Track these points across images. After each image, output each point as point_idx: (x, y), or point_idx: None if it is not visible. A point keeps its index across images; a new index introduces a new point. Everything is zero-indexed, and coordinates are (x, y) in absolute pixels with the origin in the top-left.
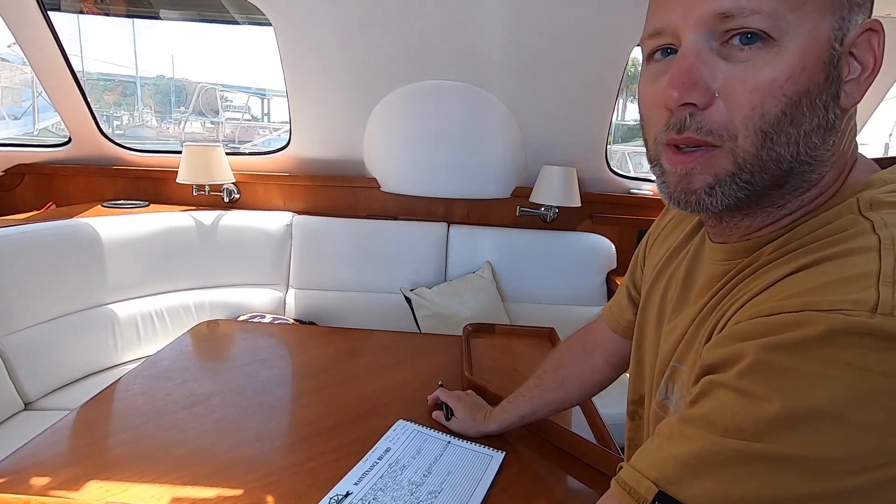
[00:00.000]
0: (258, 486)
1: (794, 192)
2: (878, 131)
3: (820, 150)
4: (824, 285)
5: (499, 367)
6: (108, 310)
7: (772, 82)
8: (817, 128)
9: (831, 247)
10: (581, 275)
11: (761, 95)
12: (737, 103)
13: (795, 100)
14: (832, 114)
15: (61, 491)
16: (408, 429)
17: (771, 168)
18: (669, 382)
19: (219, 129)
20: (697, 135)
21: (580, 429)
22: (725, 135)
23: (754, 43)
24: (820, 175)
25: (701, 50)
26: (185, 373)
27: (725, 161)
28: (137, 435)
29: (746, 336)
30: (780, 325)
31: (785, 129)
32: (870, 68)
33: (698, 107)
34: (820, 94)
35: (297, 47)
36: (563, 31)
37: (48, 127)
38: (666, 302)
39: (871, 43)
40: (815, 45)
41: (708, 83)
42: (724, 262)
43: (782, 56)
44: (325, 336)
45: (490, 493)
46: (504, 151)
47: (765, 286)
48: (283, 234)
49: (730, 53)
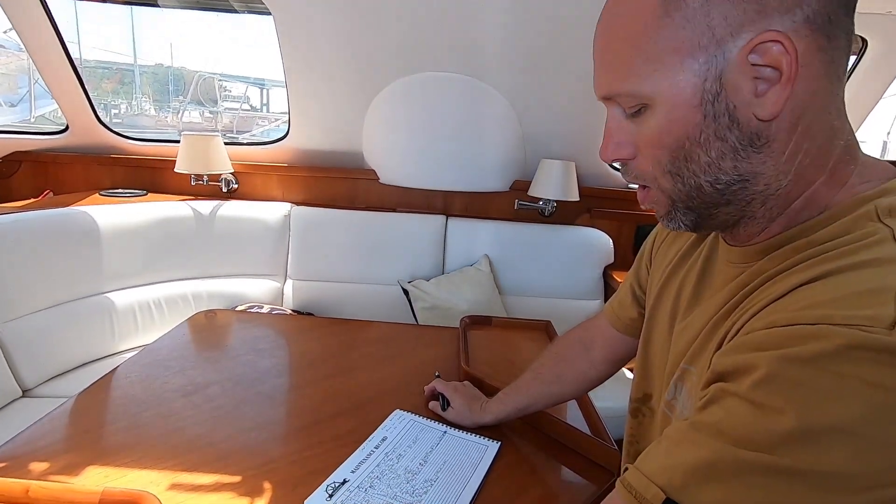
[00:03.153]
0: (256, 473)
1: (751, 204)
2: (877, 129)
3: (742, 168)
4: (842, 298)
5: (495, 359)
6: (106, 298)
7: (654, 137)
8: (723, 155)
9: (851, 256)
10: (578, 269)
11: (652, 148)
12: (644, 155)
13: (679, 144)
14: (734, 137)
15: (60, 476)
16: (404, 418)
17: (697, 195)
18: (679, 383)
19: (217, 119)
20: (634, 181)
21: (575, 420)
22: (650, 178)
23: (639, 109)
24: (768, 185)
25: (617, 117)
26: (182, 362)
27: (662, 196)
28: (136, 422)
29: (761, 346)
30: (796, 337)
31: (684, 166)
32: (778, 77)
33: (626, 160)
34: (705, 131)
35: (297, 37)
36: (564, 23)
37: (45, 114)
38: (679, 302)
39: (771, 53)
40: (681, 97)
41: (627, 142)
42: (738, 265)
43: (656, 115)
44: (323, 327)
45: (485, 483)
46: (503, 144)
47: (780, 293)
48: (282, 225)
49: (633, 118)
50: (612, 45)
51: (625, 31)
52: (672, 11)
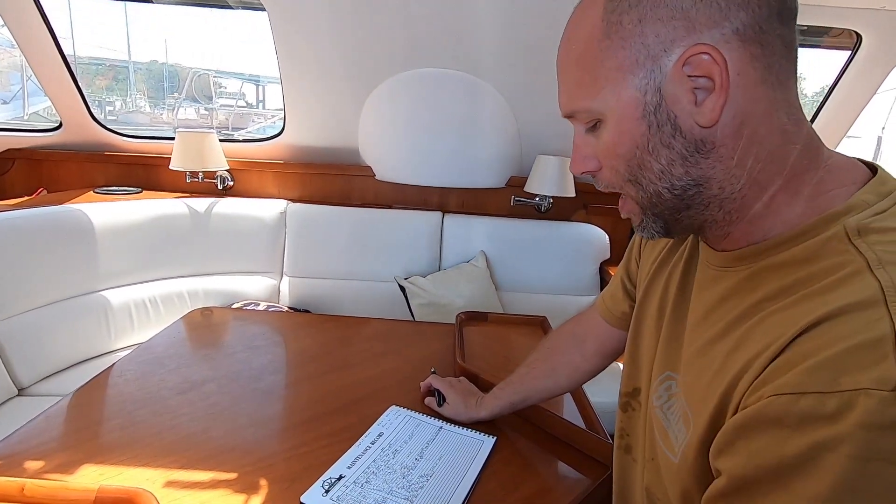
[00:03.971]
0: (252, 470)
1: (709, 207)
2: (871, 125)
3: (693, 173)
4: (843, 355)
5: (491, 355)
6: (101, 296)
7: (610, 149)
8: (672, 161)
9: (831, 291)
10: (574, 265)
11: (610, 159)
12: (606, 166)
13: (631, 154)
14: (679, 145)
15: (56, 474)
16: (400, 414)
17: (659, 201)
18: (667, 392)
19: (212, 116)
20: (605, 189)
21: (570, 415)
22: (617, 187)
23: (595, 124)
24: (723, 189)
25: (581, 132)
26: (178, 359)
27: (635, 206)
28: (131, 420)
29: (779, 421)
30: (817, 416)
31: (640, 174)
32: (712, 86)
33: (593, 172)
34: (652, 140)
35: (292, 33)
36: (560, 20)
37: (38, 111)
38: (666, 299)
39: (703, 65)
40: (626, 110)
41: (591, 155)
42: (716, 268)
43: (608, 129)
44: (320, 324)
45: (481, 477)
46: (499, 141)
47: (776, 341)
48: (278, 222)
49: (591, 132)
50: (567, 67)
51: (576, 53)
52: (612, 34)
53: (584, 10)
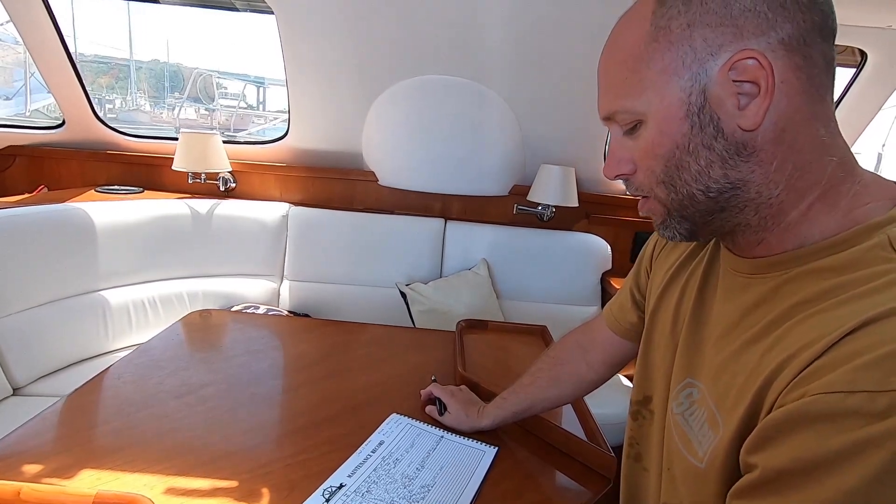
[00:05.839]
0: (250, 477)
1: (744, 211)
2: (871, 141)
3: (732, 176)
4: (894, 355)
5: (491, 364)
6: (100, 296)
7: (649, 149)
8: (711, 163)
9: (880, 293)
10: (576, 274)
11: (648, 160)
12: (642, 168)
13: (669, 154)
14: (720, 146)
15: (52, 478)
16: (401, 423)
17: (691, 203)
18: (688, 400)
19: (213, 117)
20: (635, 193)
21: (572, 426)
22: (648, 189)
23: (635, 126)
24: (760, 194)
25: (617, 136)
26: (176, 362)
27: (658, 206)
28: (129, 423)
29: (825, 418)
30: (866, 413)
31: (676, 175)
32: (757, 91)
33: (627, 175)
34: (693, 141)
35: (299, 37)
36: (566, 29)
37: (40, 108)
38: (682, 308)
39: (748, 70)
40: (669, 110)
41: (627, 159)
42: (746, 275)
43: (649, 129)
44: (320, 328)
45: (482, 488)
46: (503, 149)
47: (819, 340)
48: (279, 225)
49: (631, 135)
50: (610, 68)
51: (621, 56)
52: (660, 38)
53: (630, 16)
